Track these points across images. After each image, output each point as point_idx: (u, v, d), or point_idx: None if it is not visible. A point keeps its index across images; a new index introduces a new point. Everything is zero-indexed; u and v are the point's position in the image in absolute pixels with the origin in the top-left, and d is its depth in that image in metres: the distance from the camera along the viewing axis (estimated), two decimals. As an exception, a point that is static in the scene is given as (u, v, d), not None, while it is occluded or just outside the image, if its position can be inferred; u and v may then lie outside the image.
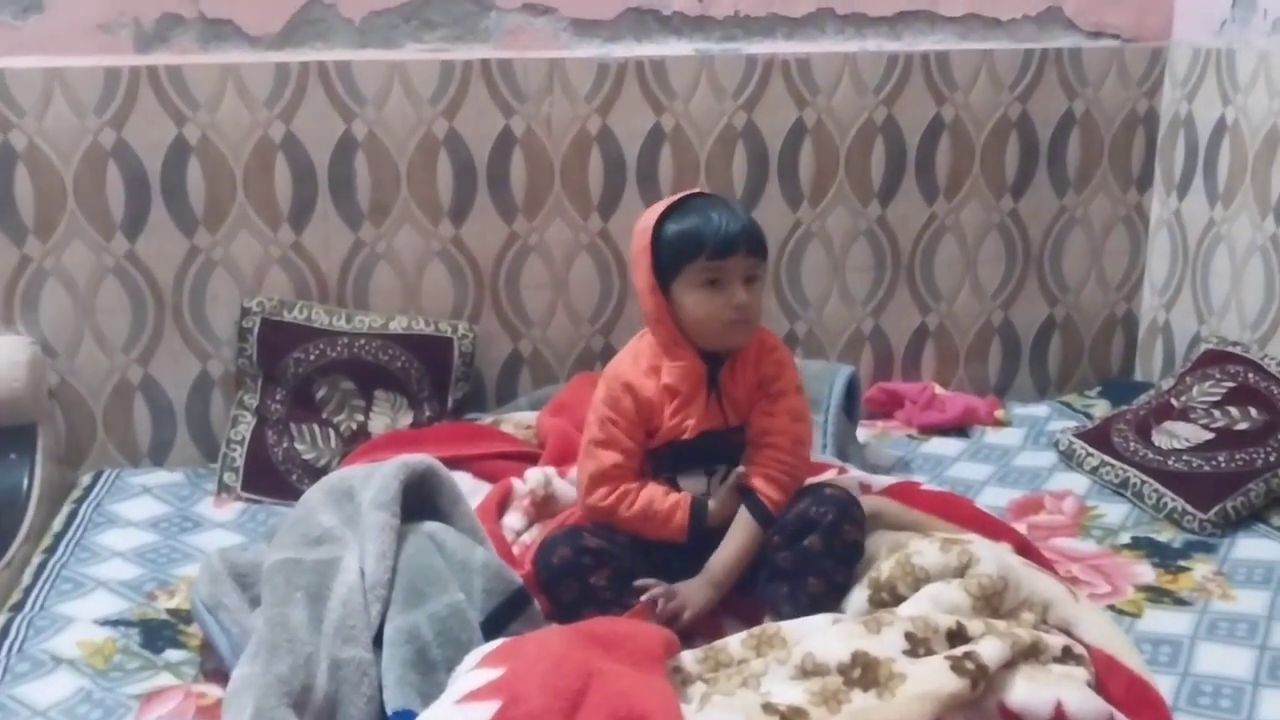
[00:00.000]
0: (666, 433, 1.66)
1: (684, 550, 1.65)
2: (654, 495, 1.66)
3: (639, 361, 1.69)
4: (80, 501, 2.12)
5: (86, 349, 2.26)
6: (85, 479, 2.22)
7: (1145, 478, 2.09)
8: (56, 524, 2.05)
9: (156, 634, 1.70)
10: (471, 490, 1.91)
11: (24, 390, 2.13)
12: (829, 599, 1.60)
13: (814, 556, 1.60)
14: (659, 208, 1.67)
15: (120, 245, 2.24)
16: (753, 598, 1.64)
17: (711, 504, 1.66)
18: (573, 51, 2.36)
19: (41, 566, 1.89)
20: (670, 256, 1.63)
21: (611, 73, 2.35)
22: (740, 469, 1.67)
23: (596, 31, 2.38)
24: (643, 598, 1.58)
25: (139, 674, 1.61)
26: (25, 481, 2.10)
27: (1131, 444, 2.19)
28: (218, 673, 1.57)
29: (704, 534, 1.65)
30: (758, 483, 1.65)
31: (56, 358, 2.25)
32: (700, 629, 1.60)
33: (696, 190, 1.76)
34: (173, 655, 1.65)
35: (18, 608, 1.76)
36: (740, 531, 1.64)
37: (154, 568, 1.90)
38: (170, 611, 1.76)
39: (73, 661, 1.62)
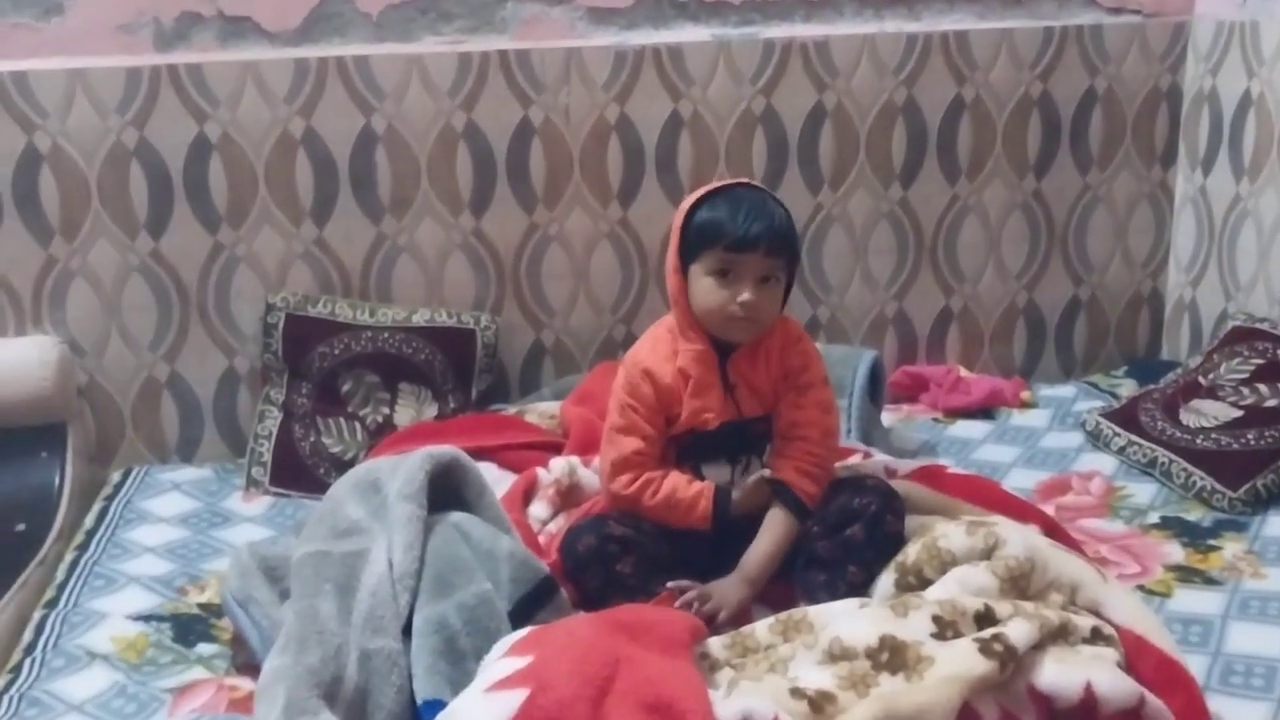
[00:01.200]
0: (687, 420, 1.66)
1: (709, 538, 1.65)
2: (677, 484, 1.65)
3: (658, 347, 1.68)
4: (111, 499, 2.14)
5: (114, 347, 2.28)
6: (115, 476, 2.24)
7: (1173, 457, 2.07)
8: (88, 521, 2.07)
9: (188, 628, 1.72)
10: (497, 480, 1.91)
11: (53, 389, 2.15)
12: (866, 589, 1.59)
13: (856, 546, 1.60)
14: (704, 190, 1.66)
15: (145, 244, 2.26)
16: (785, 584, 1.64)
17: (735, 494, 1.66)
18: (589, 40, 2.36)
19: (74, 563, 1.91)
20: (694, 239, 1.63)
21: (629, 60, 2.34)
22: (765, 472, 1.66)
23: (613, 19, 2.37)
24: (677, 601, 1.58)
25: (171, 668, 1.62)
26: (57, 480, 2.12)
27: (1159, 423, 2.17)
28: (249, 666, 1.59)
29: (728, 522, 1.65)
30: (791, 476, 1.65)
31: (84, 357, 2.27)
32: (728, 614, 1.60)
33: (744, 180, 1.73)
34: (204, 649, 1.67)
35: (52, 604, 1.78)
36: (775, 526, 1.63)
37: (184, 563, 1.91)
38: (201, 606, 1.78)
39: (106, 656, 1.63)
